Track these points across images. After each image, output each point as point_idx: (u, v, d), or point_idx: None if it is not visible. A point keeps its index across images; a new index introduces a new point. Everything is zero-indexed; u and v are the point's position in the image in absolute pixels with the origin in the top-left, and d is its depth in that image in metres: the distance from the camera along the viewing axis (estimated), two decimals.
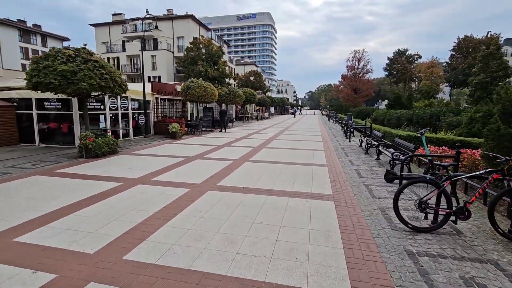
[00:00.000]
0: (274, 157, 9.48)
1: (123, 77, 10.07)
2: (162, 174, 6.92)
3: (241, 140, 14.50)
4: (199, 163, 8.43)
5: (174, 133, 14.36)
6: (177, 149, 11.25)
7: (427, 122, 13.70)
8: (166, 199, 5.07)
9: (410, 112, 15.98)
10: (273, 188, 5.81)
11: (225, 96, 23.54)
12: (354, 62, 63.23)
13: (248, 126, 24.93)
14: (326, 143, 13.46)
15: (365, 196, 5.44)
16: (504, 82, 26.96)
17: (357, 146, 12.56)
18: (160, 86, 17.51)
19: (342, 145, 13.15)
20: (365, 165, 8.51)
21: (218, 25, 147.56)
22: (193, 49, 34.81)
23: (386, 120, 18.74)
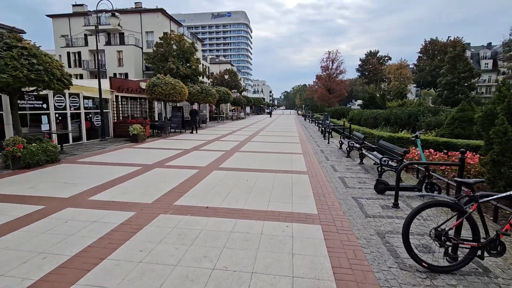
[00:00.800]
0: (248, 163, 8.32)
1: (65, 70, 8.35)
2: (104, 191, 5.48)
3: (212, 142, 13.18)
4: (157, 173, 7.04)
5: (135, 135, 12.70)
6: (136, 154, 9.70)
7: (406, 122, 13.31)
8: (99, 231, 3.71)
9: (387, 112, 15.62)
10: (244, 207, 4.64)
11: (197, 94, 22.00)
12: (328, 63, 64.09)
13: (222, 127, 23.58)
14: (304, 145, 12.57)
15: (356, 215, 4.45)
16: (469, 83, 28.14)
17: (337, 148, 11.79)
18: (121, 83, 15.65)
19: (321, 147, 12.33)
20: (349, 171, 7.62)
21: (192, 22, 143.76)
22: (163, 45, 32.68)
23: (363, 120, 18.37)
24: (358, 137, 9.97)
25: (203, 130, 20.36)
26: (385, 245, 3.46)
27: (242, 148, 11.51)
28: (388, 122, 15.11)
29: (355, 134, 10.95)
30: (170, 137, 15.29)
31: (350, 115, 21.78)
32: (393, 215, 4.43)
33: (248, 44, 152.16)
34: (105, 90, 13.94)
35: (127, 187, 5.77)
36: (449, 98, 27.34)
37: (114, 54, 36.95)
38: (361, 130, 12.95)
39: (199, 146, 11.94)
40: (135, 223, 3.99)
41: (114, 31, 38.89)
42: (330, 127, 15.68)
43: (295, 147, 11.82)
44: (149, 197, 5.09)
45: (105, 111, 13.95)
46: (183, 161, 8.54)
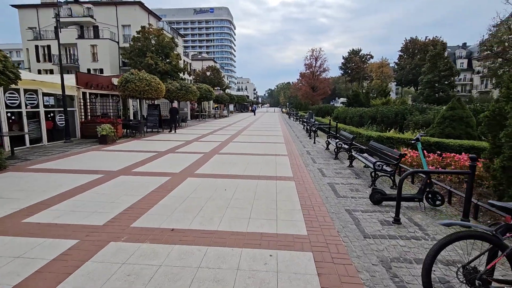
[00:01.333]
0: (228, 168, 7.47)
1: (10, 61, 7.11)
2: (48, 209, 4.46)
3: (191, 143, 12.20)
4: (121, 182, 6.04)
5: (104, 136, 11.48)
6: (101, 159, 8.58)
7: (393, 121, 12.92)
8: (18, 275, 2.74)
9: (373, 110, 15.23)
10: (218, 229, 3.81)
11: (176, 92, 20.79)
12: (312, 61, 64.02)
13: (204, 126, 22.51)
14: (289, 145, 11.87)
15: (353, 234, 3.73)
16: (449, 81, 28.63)
17: (323, 149, 11.17)
18: (89, 79, 14.26)
19: (307, 147, 11.67)
20: (339, 175, 6.95)
21: (174, 18, 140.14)
22: (141, 39, 30.97)
23: (348, 119, 17.95)
24: (346, 137, 9.36)
25: (183, 129, 19.23)
26: (393, 281, 2.74)
27: (222, 149, 10.62)
28: (374, 121, 14.71)
29: (343, 133, 10.36)
30: (145, 137, 14.11)
31: (335, 113, 21.37)
32: (395, 234, 3.75)
33: (231, 41, 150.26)
34: (70, 86, 12.58)
35: (78, 202, 4.76)
36: (430, 96, 27.70)
37: (87, 48, 34.70)
38: (348, 129, 12.41)
39: (176, 147, 10.93)
40: (73, 257, 3.05)
41: (88, 24, 36.58)
42: (316, 126, 15.10)
43: (279, 148, 11.08)
44: (102, 217, 4.13)
45: (70, 110, 12.61)
46: (154, 167, 7.56)
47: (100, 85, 14.85)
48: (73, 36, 34.64)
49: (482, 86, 53.85)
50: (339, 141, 9.24)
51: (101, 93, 15.17)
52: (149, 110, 16.86)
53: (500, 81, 28.07)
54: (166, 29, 41.73)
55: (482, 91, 50.68)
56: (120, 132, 13.38)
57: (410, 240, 3.58)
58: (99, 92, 14.89)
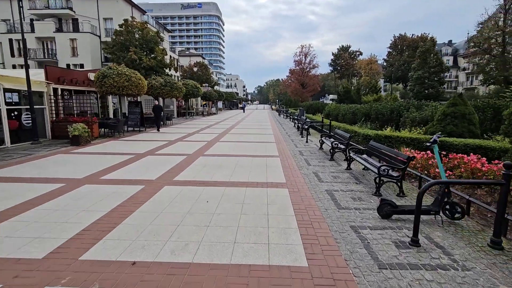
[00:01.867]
0: (213, 173, 6.62)
1: None
2: None
3: (174, 144, 11.24)
4: (83, 194, 5.09)
5: (76, 137, 10.38)
6: (67, 164, 7.55)
7: (388, 118, 12.34)
8: None
9: (367, 107, 14.64)
10: (193, 260, 2.96)
11: (160, 88, 19.66)
12: (301, 57, 63.55)
13: (190, 124, 21.48)
14: (280, 145, 11.09)
15: (365, 265, 2.96)
16: (439, 77, 28.56)
17: (316, 148, 10.45)
18: (62, 73, 13.01)
19: (299, 147, 10.93)
20: (337, 180, 6.21)
21: (160, 12, 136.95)
22: (123, 33, 29.43)
23: (341, 116, 17.35)
24: (342, 137, 8.66)
25: (167, 128, 18.16)
26: None
27: (208, 150, 9.74)
28: (368, 118, 14.13)
29: (338, 132, 9.66)
30: (124, 137, 13.03)
31: (326, 110, 20.76)
32: (417, 262, 3.01)
33: (220, 37, 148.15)
34: (38, 82, 11.35)
35: (19, 224, 3.81)
36: (420, 93, 27.57)
37: (66, 42, 32.81)
38: (342, 127, 11.75)
39: (156, 149, 9.96)
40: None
41: (67, 17, 34.65)
42: (308, 123, 14.39)
43: (270, 148, 10.29)
44: (44, 246, 3.22)
45: (38, 108, 11.38)
46: (128, 173, 6.61)
47: (75, 81, 13.61)
48: (51, 29, 32.68)
49: (468, 83, 54.73)
50: (334, 141, 8.52)
51: (76, 89, 13.92)
52: (130, 107, 15.72)
53: (488, 77, 28.19)
54: (151, 23, 40.15)
55: (468, 87, 51.44)
56: (96, 132, 12.26)
57: (436, 271, 2.84)
58: (74, 88, 13.65)
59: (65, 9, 33.73)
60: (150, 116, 18.19)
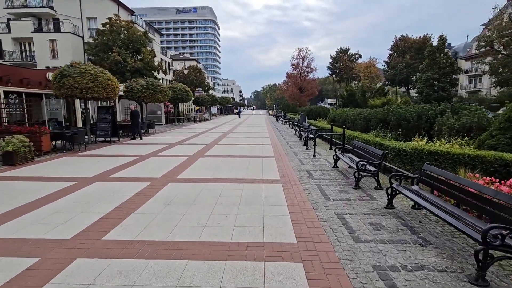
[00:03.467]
0: (182, 213, 4.06)
1: None
2: None
3: (144, 160, 8.68)
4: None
5: (10, 154, 7.76)
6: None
7: (414, 125, 9.89)
8: None
9: (383, 111, 12.22)
10: None
11: (141, 91, 17.13)
12: (299, 61, 61.64)
13: (177, 132, 18.90)
14: (281, 161, 8.58)
15: None
16: (450, 78, 26.38)
17: (329, 167, 7.94)
18: (7, 71, 10.42)
19: (306, 163, 8.42)
20: (384, 237, 3.66)
21: (155, 17, 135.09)
22: (106, 32, 26.99)
23: (350, 122, 14.90)
24: (368, 152, 6.19)
25: (148, 137, 15.57)
26: None
27: (184, 171, 7.19)
28: (386, 125, 11.69)
29: (358, 145, 7.19)
30: (86, 151, 10.42)
31: (331, 115, 18.34)
32: None
33: (216, 41, 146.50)
34: None
35: None
36: (430, 96, 25.32)
37: (45, 43, 30.24)
38: (360, 138, 9.27)
39: (115, 170, 7.38)
40: None
41: (47, 16, 32.14)
42: (313, 132, 11.92)
43: (268, 166, 7.77)
44: None
45: None
46: (47, 216, 4.02)
47: (26, 81, 11.03)
48: (29, 29, 30.09)
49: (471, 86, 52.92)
50: (360, 160, 6.00)
51: (27, 92, 11.31)
52: (99, 114, 13.11)
53: (502, 79, 26.07)
54: (140, 24, 37.82)
55: (471, 91, 49.58)
56: (46, 145, 9.62)
57: None
58: (24, 90, 11.04)
59: (45, 8, 31.22)
60: (127, 123, 15.62)
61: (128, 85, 17.54)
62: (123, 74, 26.39)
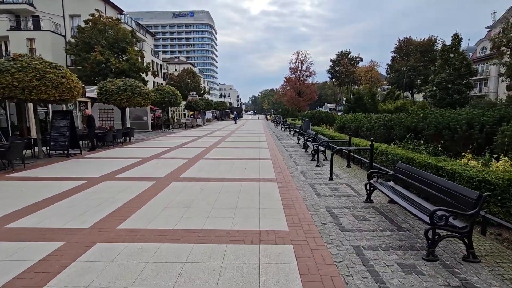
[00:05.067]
0: None
1: None
2: None
3: (95, 186, 6.03)
4: None
5: None
6: None
7: (463, 136, 7.35)
8: None
9: (413, 117, 9.70)
10: None
11: (117, 93, 14.53)
12: (297, 64, 59.61)
13: (160, 141, 16.25)
14: (287, 190, 5.96)
15: None
16: (466, 80, 24.06)
17: (358, 199, 5.34)
18: None
19: (322, 192, 5.81)
20: None
21: (152, 21, 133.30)
22: (86, 30, 24.46)
23: (365, 130, 12.36)
24: (445, 191, 3.62)
25: (123, 147, 12.91)
26: None
27: (141, 209, 4.56)
28: (417, 135, 9.16)
29: (410, 172, 4.62)
30: (23, 170, 7.74)
31: (339, 121, 15.80)
32: None
33: (213, 46, 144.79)
34: None
35: None
36: (444, 100, 22.94)
37: (23, 42, 27.64)
38: (392, 152, 6.72)
39: (39, 204, 4.72)
40: None
41: (25, 13, 29.60)
42: (324, 144, 9.36)
43: (268, 201, 5.17)
44: None
45: None
46: None
47: None
48: (4, 27, 27.50)
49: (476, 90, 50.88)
50: (440, 209, 3.38)
51: None
52: (54, 120, 10.43)
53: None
54: (129, 24, 35.40)
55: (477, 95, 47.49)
56: None
57: None
58: None
59: (23, 4, 28.72)
60: (102, 132, 12.99)
61: (102, 86, 14.95)
62: (106, 76, 23.82)
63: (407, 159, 6.11)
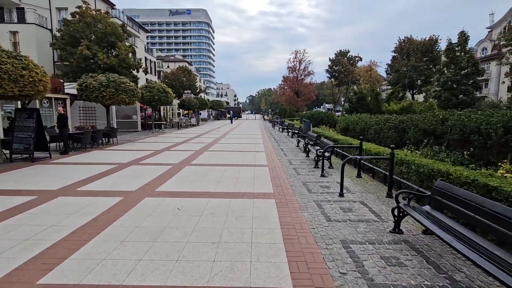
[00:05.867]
0: None
1: None
2: None
3: (48, 202, 4.70)
4: None
5: None
6: None
7: (497, 142, 6.12)
8: None
9: (430, 118, 8.47)
10: None
11: (98, 89, 13.14)
12: (295, 63, 58.43)
13: (150, 141, 14.89)
14: (288, 211, 4.68)
15: None
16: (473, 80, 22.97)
17: (382, 227, 4.07)
18: None
19: (332, 214, 4.54)
20: None
21: (148, 18, 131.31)
22: (72, 23, 22.98)
23: (372, 132, 11.13)
24: None
25: (102, 150, 11.54)
26: None
27: (87, 246, 3.23)
28: (435, 139, 7.93)
29: (461, 197, 3.34)
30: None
31: (342, 122, 14.56)
32: None
33: (210, 44, 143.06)
34: None
35: None
36: (450, 100, 21.86)
37: (5, 36, 26.03)
38: (416, 162, 5.48)
39: None
40: None
41: (9, 5, 27.95)
42: (329, 149, 8.10)
43: (263, 226, 3.88)
44: None
45: None
46: None
47: None
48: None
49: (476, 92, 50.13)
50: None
51: None
52: (17, 119, 9.03)
53: None
54: (121, 18, 33.89)
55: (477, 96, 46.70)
56: None
57: None
58: None
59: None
60: (78, 133, 11.61)
61: (82, 82, 13.55)
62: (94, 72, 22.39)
63: (438, 172, 4.86)
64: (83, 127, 13.76)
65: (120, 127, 22.48)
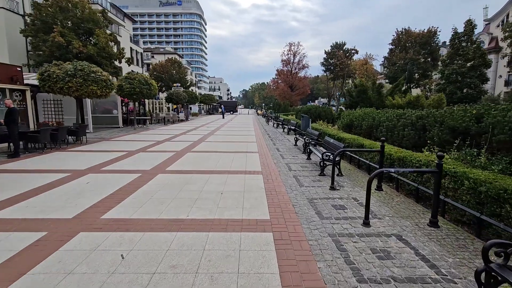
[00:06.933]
0: None
1: None
2: None
3: None
4: None
5: None
6: None
7: None
8: None
9: (461, 113, 6.90)
10: None
11: (63, 80, 11.17)
12: (290, 56, 56.67)
13: (127, 139, 13.02)
14: (293, 252, 3.01)
15: None
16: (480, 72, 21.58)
17: (430, 275, 2.46)
18: None
19: (351, 248, 2.92)
20: None
21: (137, 9, 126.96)
22: (43, 7, 20.63)
23: (385, 130, 9.52)
24: None
25: (63, 151, 9.65)
26: None
27: None
28: (468, 139, 6.37)
29: None
30: None
31: (346, 118, 12.95)
32: None
33: (202, 37, 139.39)
34: None
35: None
36: (455, 94, 20.52)
37: None
38: (471, 176, 3.87)
39: None
40: None
41: None
42: (340, 151, 6.44)
43: (264, 262, 2.22)
44: None
45: None
46: None
47: None
48: None
49: None
50: None
51: None
52: None
53: None
54: (102, 4, 31.38)
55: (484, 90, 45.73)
56: None
57: None
58: None
59: None
60: (28, 131, 9.70)
61: (44, 71, 11.55)
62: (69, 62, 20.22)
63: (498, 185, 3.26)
64: (47, 124, 11.81)
65: (98, 123, 20.48)
